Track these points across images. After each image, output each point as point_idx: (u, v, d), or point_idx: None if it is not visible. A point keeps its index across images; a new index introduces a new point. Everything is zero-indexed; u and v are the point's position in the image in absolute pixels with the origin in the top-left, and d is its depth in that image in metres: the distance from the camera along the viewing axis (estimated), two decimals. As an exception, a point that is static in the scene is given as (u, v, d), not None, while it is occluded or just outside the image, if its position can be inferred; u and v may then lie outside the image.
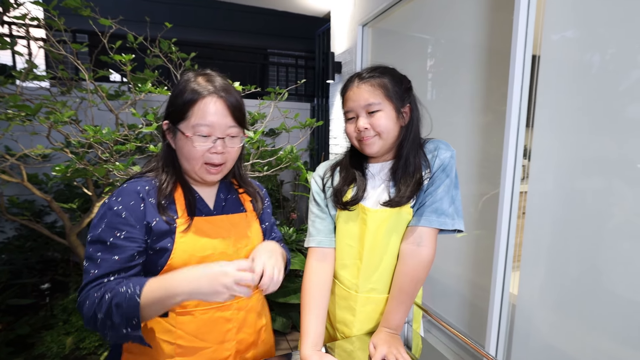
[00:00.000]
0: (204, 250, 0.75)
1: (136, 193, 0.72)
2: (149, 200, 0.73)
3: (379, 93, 0.81)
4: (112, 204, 0.71)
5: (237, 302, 0.79)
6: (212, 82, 0.74)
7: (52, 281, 2.43)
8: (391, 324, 0.84)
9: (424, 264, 0.82)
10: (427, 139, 0.89)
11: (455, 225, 0.82)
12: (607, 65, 1.11)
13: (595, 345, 1.15)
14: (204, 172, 0.76)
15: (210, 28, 5.58)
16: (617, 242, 1.09)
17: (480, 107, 1.59)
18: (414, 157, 0.84)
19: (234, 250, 0.80)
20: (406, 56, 2.13)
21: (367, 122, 0.82)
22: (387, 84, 0.82)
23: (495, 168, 1.44)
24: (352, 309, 0.90)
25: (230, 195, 0.87)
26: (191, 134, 0.72)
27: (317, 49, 3.73)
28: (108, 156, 1.54)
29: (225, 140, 0.74)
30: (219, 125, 0.73)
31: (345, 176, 0.90)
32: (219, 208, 0.83)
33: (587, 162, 1.16)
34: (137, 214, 0.71)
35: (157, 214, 0.73)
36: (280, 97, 2.08)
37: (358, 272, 0.88)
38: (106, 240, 0.68)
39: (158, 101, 2.59)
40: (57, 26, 1.66)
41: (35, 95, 1.74)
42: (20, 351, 1.86)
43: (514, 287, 1.41)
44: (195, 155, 0.73)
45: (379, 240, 0.85)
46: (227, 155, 0.76)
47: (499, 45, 1.49)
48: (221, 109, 0.73)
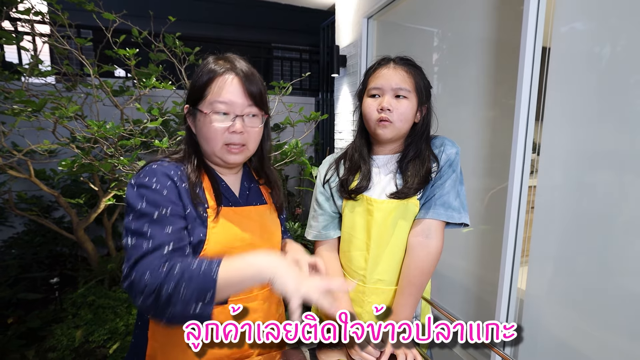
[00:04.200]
0: (234, 241, 0.74)
1: (168, 177, 0.69)
2: (182, 185, 0.70)
3: (410, 82, 0.84)
4: (148, 183, 0.67)
5: (263, 293, 0.79)
6: (231, 62, 0.73)
7: (61, 275, 2.46)
8: (400, 317, 0.84)
9: (432, 255, 0.84)
10: (433, 135, 0.91)
11: (461, 219, 0.84)
12: (619, 57, 1.08)
13: (604, 341, 1.13)
14: (225, 152, 0.73)
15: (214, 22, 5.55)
16: (626, 236, 1.07)
17: (488, 100, 1.57)
18: (424, 150, 0.86)
19: (261, 242, 0.79)
20: (412, 49, 2.10)
21: (391, 105, 0.83)
22: (418, 77, 0.85)
23: (504, 162, 1.42)
24: (361, 300, 0.91)
25: (252, 185, 0.85)
26: (209, 111, 0.71)
27: (321, 42, 3.70)
28: (113, 151, 1.54)
29: (244, 119, 0.72)
30: (236, 103, 0.71)
31: (350, 166, 0.91)
32: (244, 197, 0.81)
33: (597, 156, 1.14)
34: (176, 195, 0.68)
35: (190, 201, 0.70)
36: (285, 91, 2.06)
37: (365, 264, 0.89)
38: (152, 214, 0.64)
39: (163, 96, 2.59)
40: (61, 21, 1.66)
41: (41, 91, 1.75)
42: (32, 343, 1.89)
43: (522, 282, 1.40)
44: (215, 135, 0.71)
45: (386, 231, 0.86)
46: (247, 136, 0.74)
47: (507, 37, 1.46)
48: (238, 86, 0.71)
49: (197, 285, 0.57)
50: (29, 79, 1.64)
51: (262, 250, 0.65)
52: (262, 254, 0.63)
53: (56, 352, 1.80)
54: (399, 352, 0.77)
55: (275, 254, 0.63)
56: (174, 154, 0.79)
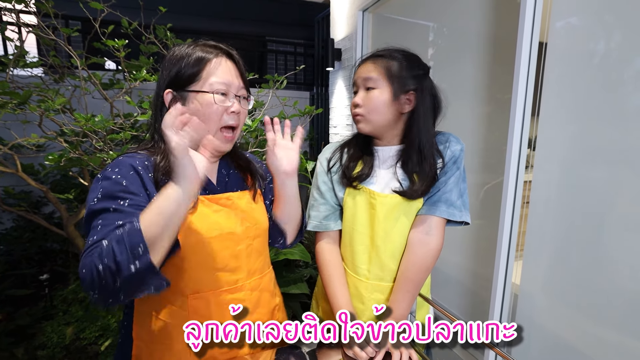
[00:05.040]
0: (212, 230, 0.72)
1: (133, 167, 0.66)
2: (148, 175, 0.67)
3: (379, 71, 0.81)
4: (109, 174, 0.64)
5: (250, 283, 0.78)
6: (218, 45, 0.74)
7: (51, 272, 2.42)
8: (396, 314, 0.83)
9: (432, 252, 0.83)
10: (438, 131, 0.89)
11: (462, 217, 0.83)
12: (614, 53, 1.08)
13: (597, 335, 1.14)
14: (221, 138, 0.73)
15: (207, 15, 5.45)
16: (620, 232, 1.07)
17: (484, 95, 1.56)
18: (429, 150, 0.82)
19: (242, 229, 0.77)
20: (408, 43, 2.06)
21: (361, 99, 0.83)
22: (392, 66, 0.81)
23: (499, 157, 1.41)
24: (362, 296, 0.89)
25: (231, 171, 0.83)
26: (210, 90, 0.70)
27: (316, 35, 3.65)
28: (102, 145, 1.50)
29: (240, 100, 0.74)
30: (233, 83, 0.72)
31: (353, 154, 0.90)
32: (222, 185, 0.79)
33: (593, 152, 1.14)
34: (138, 184, 0.65)
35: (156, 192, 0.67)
36: (279, 84, 2.03)
37: (369, 259, 0.88)
38: (108, 208, 0.61)
39: (154, 89, 2.54)
40: (45, 9, 1.60)
41: (27, 83, 1.69)
42: (21, 341, 1.86)
43: (516, 277, 1.40)
44: (214, 115, 0.70)
45: (388, 226, 0.85)
46: (240, 118, 0.75)
47: (504, 32, 1.44)
48: (233, 69, 0.73)
49: (126, 243, 0.54)
50: (13, 71, 1.59)
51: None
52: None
53: (46, 350, 1.77)
54: (394, 351, 0.76)
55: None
56: (145, 149, 0.75)
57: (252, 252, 0.79)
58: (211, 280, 0.72)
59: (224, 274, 0.74)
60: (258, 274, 0.80)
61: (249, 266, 0.78)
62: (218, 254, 0.72)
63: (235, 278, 0.75)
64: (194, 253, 0.70)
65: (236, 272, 0.75)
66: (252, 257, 0.79)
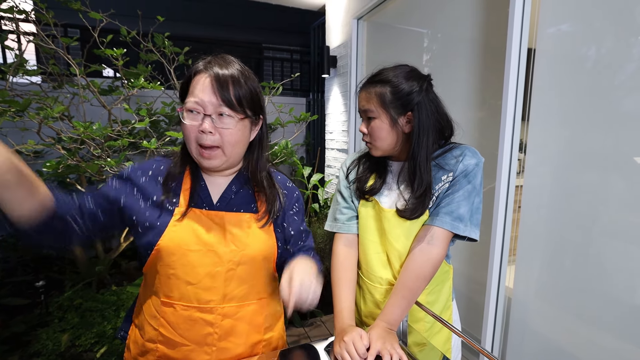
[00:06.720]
0: (192, 245, 0.72)
1: (149, 168, 0.78)
2: (158, 178, 0.77)
3: (374, 102, 0.84)
4: (126, 170, 0.78)
5: (223, 308, 0.75)
6: (211, 62, 0.72)
7: (47, 279, 2.40)
8: (389, 318, 0.84)
9: (432, 262, 0.83)
10: (456, 143, 0.90)
11: (466, 232, 0.82)
12: (603, 58, 1.11)
13: (589, 338, 1.16)
14: (199, 156, 0.73)
15: (204, 22, 5.51)
16: (611, 235, 1.09)
17: (475, 101, 1.59)
18: (424, 167, 0.83)
19: (226, 251, 0.74)
20: (401, 50, 2.12)
21: (365, 127, 0.87)
22: (385, 93, 0.83)
23: (491, 162, 1.44)
24: (378, 302, 0.92)
25: (243, 190, 0.80)
26: (182, 109, 0.71)
27: (312, 43, 3.70)
28: (100, 152, 1.52)
29: (213, 118, 0.69)
30: (205, 102, 0.69)
31: (368, 166, 0.95)
32: (224, 202, 0.77)
33: (583, 156, 1.16)
34: (127, 186, 0.75)
35: (161, 192, 0.75)
36: (275, 91, 2.06)
37: (382, 266, 0.91)
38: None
39: (152, 97, 2.56)
40: (45, 19, 1.63)
41: (26, 91, 1.71)
42: (16, 349, 1.85)
43: (509, 281, 1.42)
44: (187, 133, 0.71)
45: (394, 239, 0.88)
46: (221, 138, 0.70)
47: (494, 38, 1.48)
48: (209, 85, 0.69)
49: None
50: (13, 79, 1.61)
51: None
52: None
53: (41, 357, 1.76)
54: (384, 352, 0.77)
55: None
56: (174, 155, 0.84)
57: (233, 277, 0.75)
58: (182, 292, 0.72)
59: (196, 290, 0.72)
60: (236, 302, 0.76)
61: (225, 291, 0.74)
62: (194, 269, 0.72)
63: (207, 298, 0.73)
64: (171, 260, 0.72)
65: (210, 292, 0.73)
66: (232, 282, 0.75)
